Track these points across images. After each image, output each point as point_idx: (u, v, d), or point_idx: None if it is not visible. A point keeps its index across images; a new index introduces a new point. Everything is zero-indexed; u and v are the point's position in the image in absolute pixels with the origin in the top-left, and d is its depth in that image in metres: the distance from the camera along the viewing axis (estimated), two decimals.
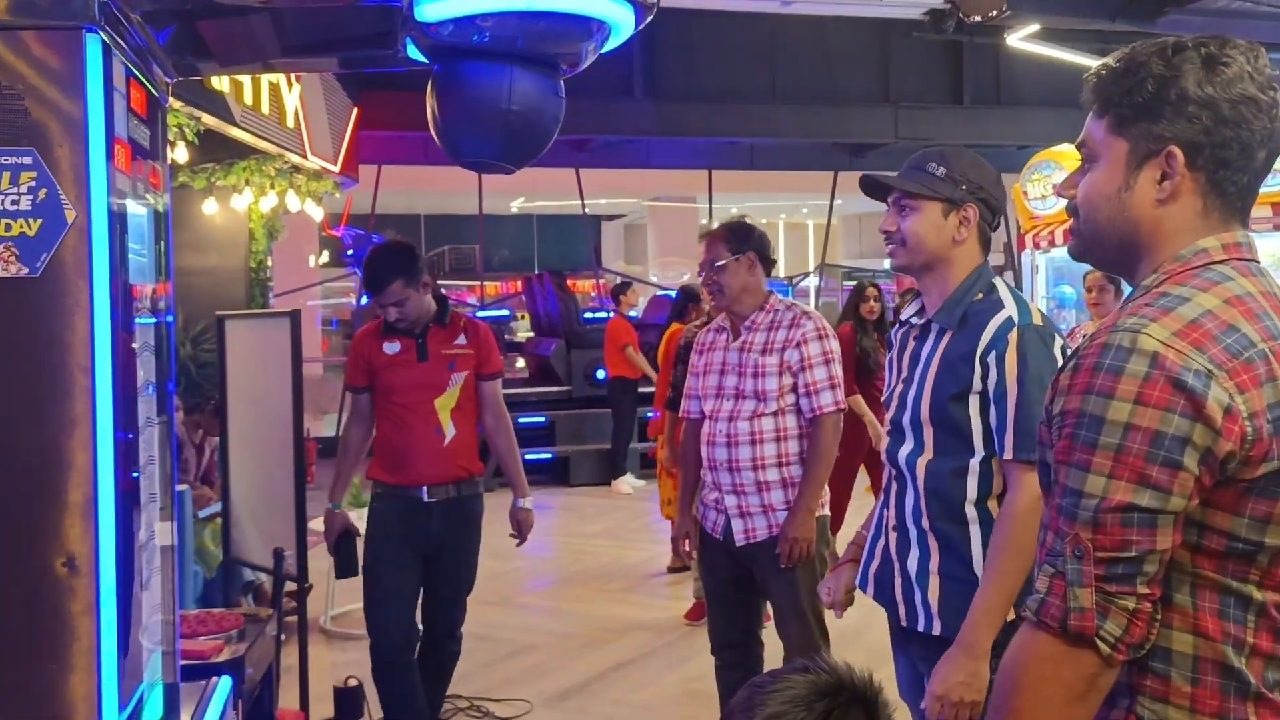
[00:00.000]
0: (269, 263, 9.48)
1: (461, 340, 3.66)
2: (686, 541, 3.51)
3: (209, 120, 6.55)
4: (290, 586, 4.01)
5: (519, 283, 14.91)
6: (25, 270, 1.68)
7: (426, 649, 3.80)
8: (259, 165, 8.09)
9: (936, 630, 2.19)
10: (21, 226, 1.69)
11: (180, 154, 6.43)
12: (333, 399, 13.32)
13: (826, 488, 3.27)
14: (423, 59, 2.12)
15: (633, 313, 10.25)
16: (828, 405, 3.19)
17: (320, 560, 6.06)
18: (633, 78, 10.82)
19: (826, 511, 3.28)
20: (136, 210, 1.97)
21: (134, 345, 1.90)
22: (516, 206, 20.60)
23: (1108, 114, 1.33)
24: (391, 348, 3.69)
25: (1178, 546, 1.20)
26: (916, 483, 2.24)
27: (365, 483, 6.04)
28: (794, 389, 3.21)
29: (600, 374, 10.23)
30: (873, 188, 2.36)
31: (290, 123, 7.82)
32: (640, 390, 9.68)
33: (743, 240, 3.30)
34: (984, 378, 2.16)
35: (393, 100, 9.87)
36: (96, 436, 1.68)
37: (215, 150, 7.67)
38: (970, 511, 2.18)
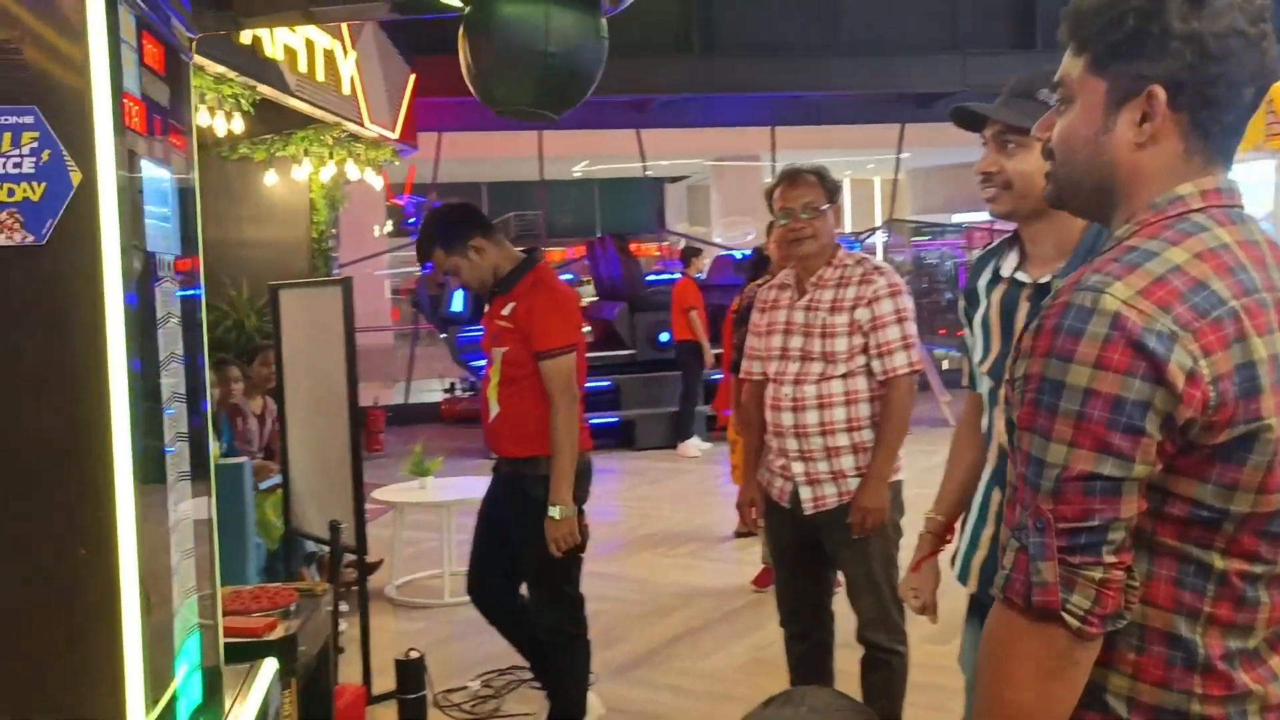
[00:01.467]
0: (332, 232, 9.49)
1: (507, 311, 3.34)
2: (752, 509, 3.36)
3: (264, 90, 6.51)
4: (354, 558, 3.96)
5: (583, 247, 14.79)
6: (31, 238, 1.58)
7: None
8: (317, 134, 8.05)
9: None
10: (25, 191, 1.59)
11: (237, 124, 6.39)
12: (402, 367, 13.39)
13: (900, 452, 3.09)
14: (457, 2, 1.98)
15: (699, 275, 10.08)
16: (901, 366, 3.01)
17: (384, 529, 6.05)
18: (690, 33, 10.58)
19: (900, 477, 3.10)
20: (156, 174, 1.86)
21: (157, 316, 1.81)
22: (579, 171, 20.48)
23: (1085, 51, 1.27)
24: (488, 308, 3.54)
25: (1142, 513, 1.16)
26: None
27: (428, 453, 6.02)
28: (865, 349, 3.03)
29: (665, 337, 10.10)
30: (968, 119, 2.08)
31: (346, 90, 7.75)
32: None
33: (833, 188, 3.11)
34: None
35: (450, 65, 9.77)
36: (112, 413, 1.59)
37: (274, 120, 7.65)
38: None
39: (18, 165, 1.59)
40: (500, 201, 18.41)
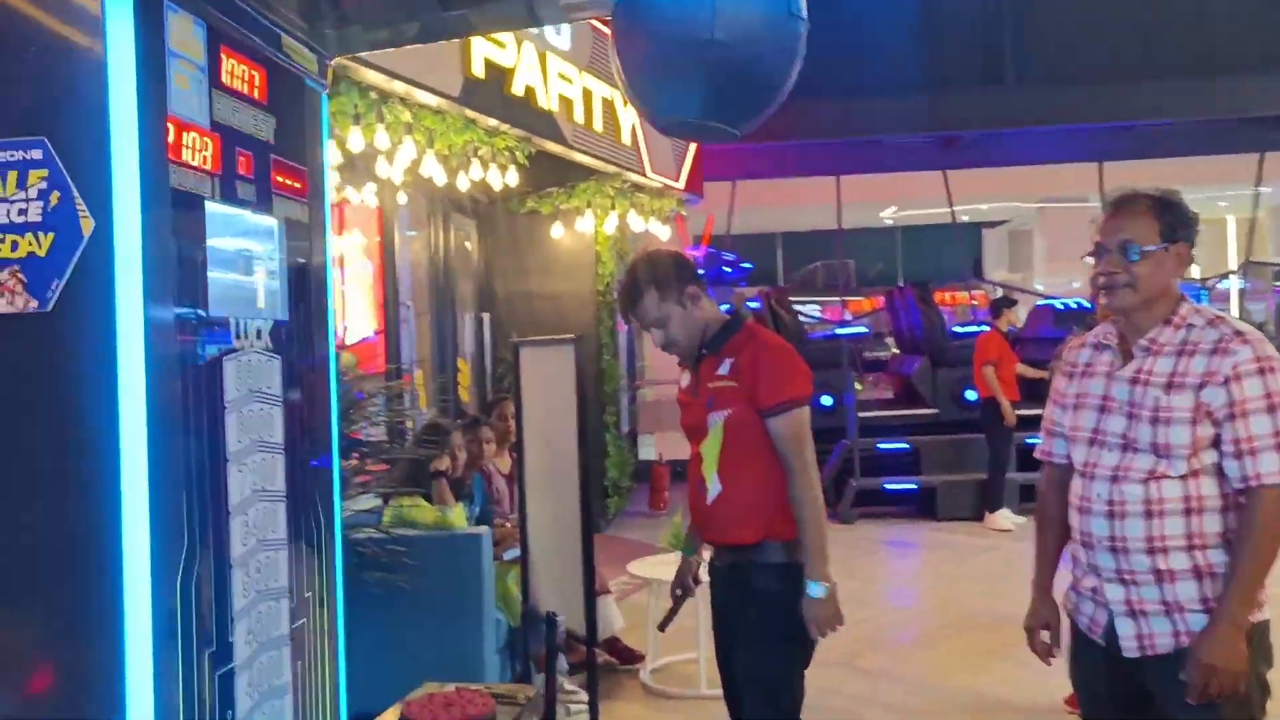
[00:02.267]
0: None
1: (724, 370, 2.87)
2: (1044, 633, 2.59)
3: (540, 142, 6.42)
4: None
5: (881, 298, 14.01)
6: (34, 303, 1.25)
7: None
8: (599, 186, 7.94)
9: None
10: (30, 244, 1.26)
11: (511, 177, 6.32)
12: None
13: (1266, 581, 2.24)
14: None
15: (1011, 328, 9.10)
16: (1271, 473, 2.16)
17: (638, 600, 5.61)
18: (1003, 61, 9.63)
19: (1265, 616, 2.25)
20: (245, 221, 1.52)
21: (226, 398, 1.45)
22: (889, 217, 19.63)
23: None
24: (684, 380, 3.10)
25: None
26: None
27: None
28: (1216, 444, 2.22)
29: (970, 395, 9.16)
30: None
31: (626, 139, 7.58)
32: (1018, 412, 8.56)
33: (1180, 222, 2.31)
34: None
35: None
36: (125, 526, 1.22)
37: (558, 172, 7.62)
38: None
39: (23, 212, 1.26)
40: (797, 251, 17.93)
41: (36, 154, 1.23)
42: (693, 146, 9.00)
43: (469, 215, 8.23)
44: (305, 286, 1.68)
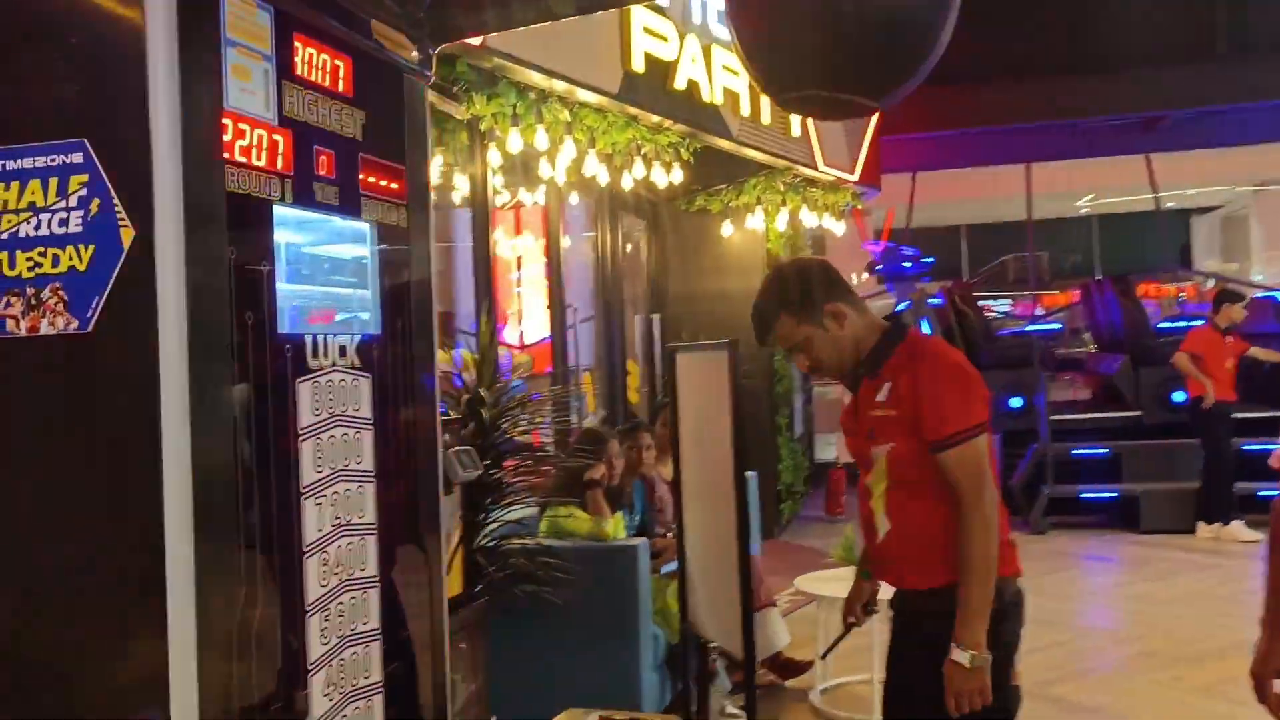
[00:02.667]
0: None
1: (883, 395, 2.48)
2: (1275, 684, 2.19)
3: (705, 137, 6.22)
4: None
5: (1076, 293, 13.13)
6: (75, 323, 1.13)
7: None
8: (769, 181, 7.67)
9: None
10: (71, 258, 1.14)
11: (677, 175, 6.13)
12: None
13: None
14: None
15: (1229, 324, 8.32)
16: None
17: (807, 613, 5.34)
18: (1214, 31, 8.79)
19: None
20: (325, 225, 1.37)
21: (300, 424, 1.30)
22: (1085, 206, 18.48)
23: None
24: (846, 398, 2.77)
25: None
26: None
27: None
28: None
29: (1178, 396, 8.42)
30: None
31: (796, 131, 7.27)
32: (1235, 415, 7.79)
33: None
34: None
35: (919, 98, 8.97)
36: (166, 567, 1.08)
37: (726, 168, 7.40)
38: None
39: (63, 223, 1.15)
40: (984, 244, 17.09)
41: (77, 157, 1.11)
42: (868, 136, 8.60)
43: (637, 215, 8.11)
44: (403, 297, 1.53)
